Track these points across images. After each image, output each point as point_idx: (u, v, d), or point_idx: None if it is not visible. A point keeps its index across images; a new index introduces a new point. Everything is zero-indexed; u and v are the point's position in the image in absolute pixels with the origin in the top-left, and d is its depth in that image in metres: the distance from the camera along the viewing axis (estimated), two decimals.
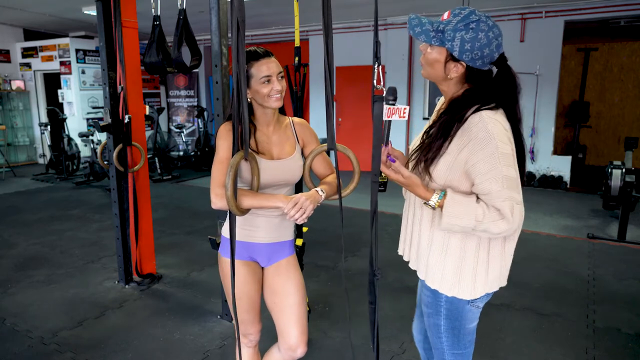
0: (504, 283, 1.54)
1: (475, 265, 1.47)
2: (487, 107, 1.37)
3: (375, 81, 1.39)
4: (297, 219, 1.58)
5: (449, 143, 1.39)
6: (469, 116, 1.37)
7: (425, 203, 1.43)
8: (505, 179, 1.32)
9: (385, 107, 1.41)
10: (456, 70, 1.41)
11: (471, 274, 1.47)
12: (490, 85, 1.43)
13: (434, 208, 1.41)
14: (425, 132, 1.51)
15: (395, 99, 1.43)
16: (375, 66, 1.38)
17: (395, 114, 1.41)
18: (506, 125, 1.38)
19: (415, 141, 1.60)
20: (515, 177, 1.35)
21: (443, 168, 1.41)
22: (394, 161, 1.45)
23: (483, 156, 1.33)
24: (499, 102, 1.41)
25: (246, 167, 1.66)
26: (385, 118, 1.43)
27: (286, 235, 1.85)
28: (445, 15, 1.42)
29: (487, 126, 1.33)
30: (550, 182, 7.31)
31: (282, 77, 1.70)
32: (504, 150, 1.33)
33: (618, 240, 4.72)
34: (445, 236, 1.48)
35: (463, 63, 1.40)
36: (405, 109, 1.41)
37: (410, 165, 1.54)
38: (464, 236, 1.45)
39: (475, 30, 1.35)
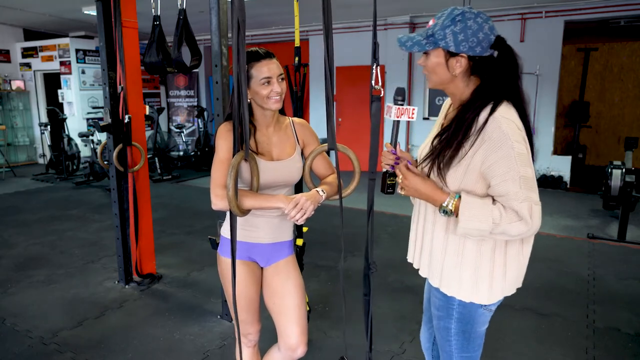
0: (519, 284, 1.52)
1: (492, 269, 1.44)
2: (498, 105, 1.36)
3: (373, 81, 1.39)
4: (297, 220, 1.58)
5: (463, 147, 1.37)
6: (481, 118, 1.35)
7: (440, 209, 1.40)
8: (522, 180, 1.30)
9: (395, 107, 1.42)
10: (460, 65, 1.40)
11: (488, 279, 1.44)
12: (495, 74, 1.40)
13: (451, 212, 1.38)
14: (436, 136, 1.48)
15: (404, 99, 1.45)
16: (374, 67, 1.38)
17: (404, 114, 1.43)
18: (519, 123, 1.36)
19: (423, 148, 1.57)
20: (532, 177, 1.32)
21: (459, 172, 1.38)
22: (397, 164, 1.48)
23: (499, 157, 1.31)
24: (506, 92, 1.39)
25: (246, 168, 1.66)
26: (395, 118, 1.44)
27: (285, 235, 1.85)
28: (430, 22, 1.43)
29: (502, 126, 1.31)
30: (550, 182, 7.31)
31: (282, 78, 1.70)
32: (519, 150, 1.31)
33: (618, 240, 4.72)
34: (460, 240, 1.44)
35: (463, 55, 1.38)
36: (413, 109, 1.42)
37: (423, 171, 1.51)
38: (479, 240, 1.42)
39: (462, 20, 1.36)
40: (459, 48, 1.37)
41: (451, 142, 1.39)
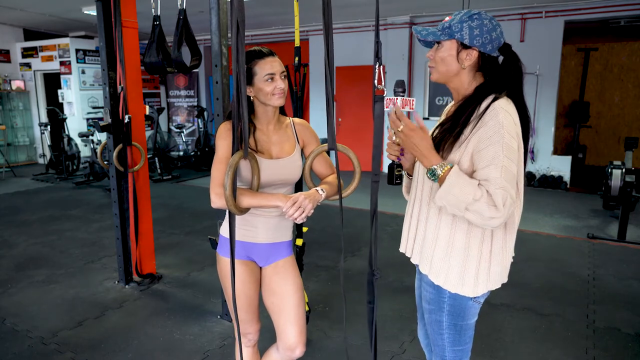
0: (505, 279, 1.55)
1: (478, 263, 1.48)
2: (500, 97, 1.43)
3: (376, 81, 1.40)
4: (296, 218, 1.58)
5: (464, 133, 1.44)
6: (482, 106, 1.43)
7: (428, 171, 1.42)
8: (504, 170, 1.35)
9: (400, 98, 1.47)
10: (469, 58, 1.47)
11: (474, 272, 1.48)
12: (499, 75, 1.49)
13: (436, 178, 1.40)
14: (438, 126, 1.56)
15: (404, 91, 1.50)
16: (376, 66, 1.39)
17: (407, 105, 1.48)
18: (517, 119, 1.43)
19: None
20: (514, 174, 1.37)
21: (456, 157, 1.44)
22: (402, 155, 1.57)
23: (489, 144, 1.37)
24: (509, 90, 1.47)
25: (245, 167, 1.67)
26: (401, 110, 1.48)
27: (284, 235, 1.85)
28: (447, 18, 1.52)
29: (499, 116, 1.38)
30: (550, 182, 7.31)
31: (284, 76, 1.72)
32: (509, 142, 1.36)
33: (618, 240, 4.72)
34: (450, 233, 1.49)
35: (475, 48, 1.46)
36: (413, 100, 1.49)
37: None
38: (468, 233, 1.47)
39: (479, 19, 1.46)
40: (472, 42, 1.46)
41: (452, 129, 1.46)
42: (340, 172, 1.69)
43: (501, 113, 1.38)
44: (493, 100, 1.42)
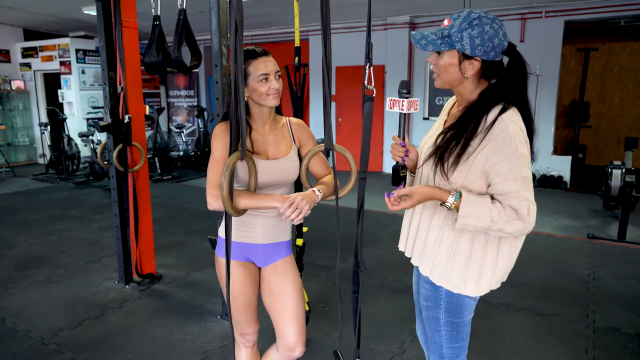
0: (505, 279, 1.57)
1: (482, 263, 1.48)
2: (507, 109, 1.40)
3: (366, 82, 1.40)
4: (293, 219, 1.58)
5: (469, 146, 1.41)
6: (489, 118, 1.39)
7: (441, 204, 1.44)
8: (523, 180, 1.35)
9: (406, 100, 1.47)
10: (472, 68, 1.43)
11: (477, 272, 1.48)
12: (505, 78, 1.45)
13: (449, 209, 1.42)
14: (440, 134, 1.51)
15: (409, 92, 1.49)
16: (367, 67, 1.39)
17: (412, 106, 1.48)
18: (522, 126, 1.41)
19: (425, 142, 1.61)
20: (530, 179, 1.39)
21: (462, 170, 1.42)
22: (407, 156, 1.55)
23: (503, 157, 1.35)
24: (514, 96, 1.43)
25: (242, 168, 1.65)
26: (405, 111, 1.48)
27: (283, 236, 1.85)
28: (446, 22, 1.45)
29: (508, 128, 1.36)
30: (550, 182, 7.31)
31: (279, 76, 1.71)
32: (522, 151, 1.36)
33: (618, 240, 4.72)
34: (455, 235, 1.49)
35: (478, 58, 1.42)
36: (417, 100, 1.48)
37: (426, 167, 1.54)
38: (472, 235, 1.47)
39: (480, 25, 1.39)
40: (474, 51, 1.40)
41: (458, 139, 1.43)
42: (336, 172, 1.68)
43: (510, 125, 1.36)
44: (501, 112, 1.38)
